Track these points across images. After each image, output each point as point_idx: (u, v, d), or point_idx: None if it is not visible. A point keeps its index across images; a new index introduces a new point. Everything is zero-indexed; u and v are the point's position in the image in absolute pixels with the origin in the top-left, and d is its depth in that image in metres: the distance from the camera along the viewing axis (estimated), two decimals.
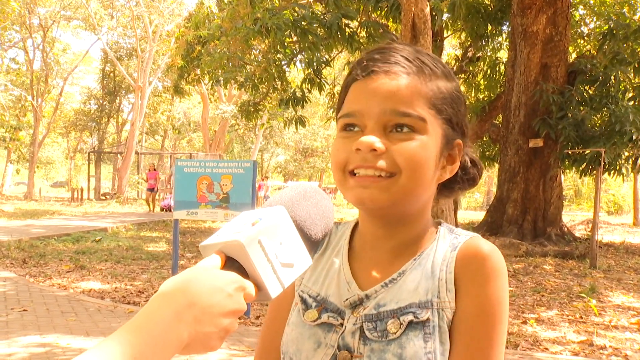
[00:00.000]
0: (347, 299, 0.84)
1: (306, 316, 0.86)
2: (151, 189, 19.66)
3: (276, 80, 13.56)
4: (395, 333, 0.79)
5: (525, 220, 11.93)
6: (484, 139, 16.86)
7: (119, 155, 35.27)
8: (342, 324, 0.83)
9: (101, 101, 38.47)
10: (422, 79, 0.81)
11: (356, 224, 0.93)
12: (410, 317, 0.79)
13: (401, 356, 0.77)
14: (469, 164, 0.90)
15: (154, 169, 20.23)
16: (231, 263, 0.68)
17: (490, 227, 12.24)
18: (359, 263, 0.88)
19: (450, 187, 0.90)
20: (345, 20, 11.63)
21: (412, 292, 0.81)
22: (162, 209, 20.00)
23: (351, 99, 0.83)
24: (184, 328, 0.60)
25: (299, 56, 13.40)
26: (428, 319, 0.78)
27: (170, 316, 0.60)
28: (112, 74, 37.03)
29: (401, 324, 0.79)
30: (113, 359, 0.55)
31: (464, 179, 0.90)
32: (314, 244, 0.74)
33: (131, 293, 6.50)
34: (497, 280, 0.79)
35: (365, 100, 0.81)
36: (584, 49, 15.25)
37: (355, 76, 0.83)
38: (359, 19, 12.24)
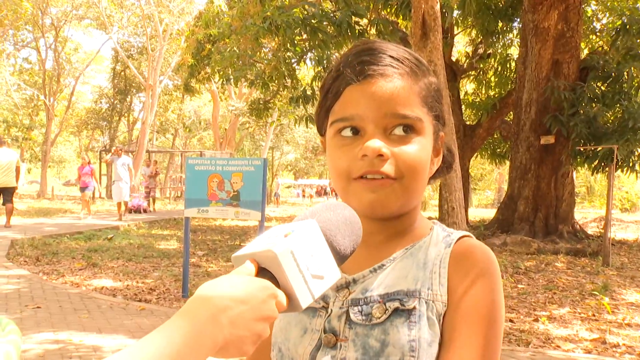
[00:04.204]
0: None
1: None
2: (84, 188, 15.60)
3: (286, 78, 13.58)
4: (379, 318, 0.79)
5: (537, 217, 11.85)
6: (495, 136, 16.78)
7: (130, 153, 35.49)
8: (324, 307, 0.84)
9: (112, 100, 38.73)
10: (413, 78, 0.83)
11: None
12: (396, 303, 0.79)
13: (384, 341, 0.77)
14: (446, 152, 0.91)
15: (88, 163, 15.88)
16: (264, 273, 0.69)
17: (501, 225, 12.17)
18: None
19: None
20: (355, 18, 11.61)
21: (401, 279, 0.82)
22: (131, 211, 17.72)
23: (348, 102, 0.82)
24: (219, 330, 0.62)
25: (309, 54, 13.40)
26: (414, 308, 0.78)
27: (207, 318, 0.62)
28: (123, 73, 37.27)
29: (386, 309, 0.79)
30: (151, 357, 0.57)
31: (442, 167, 0.92)
32: (342, 259, 0.75)
33: (143, 291, 6.53)
34: (490, 281, 0.79)
35: (364, 105, 0.80)
36: (597, 44, 15.11)
37: (349, 80, 0.82)
38: (368, 17, 12.22)
